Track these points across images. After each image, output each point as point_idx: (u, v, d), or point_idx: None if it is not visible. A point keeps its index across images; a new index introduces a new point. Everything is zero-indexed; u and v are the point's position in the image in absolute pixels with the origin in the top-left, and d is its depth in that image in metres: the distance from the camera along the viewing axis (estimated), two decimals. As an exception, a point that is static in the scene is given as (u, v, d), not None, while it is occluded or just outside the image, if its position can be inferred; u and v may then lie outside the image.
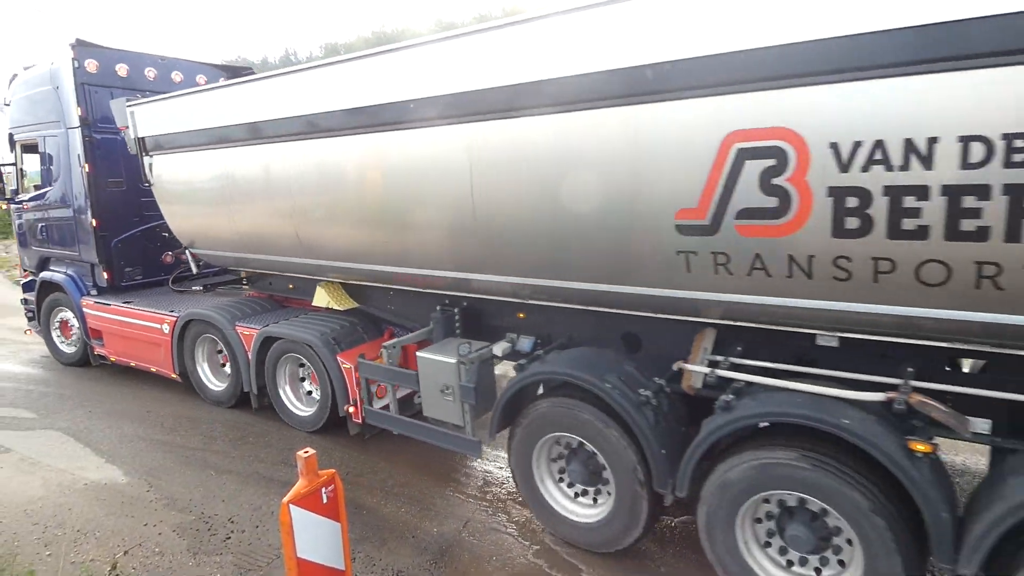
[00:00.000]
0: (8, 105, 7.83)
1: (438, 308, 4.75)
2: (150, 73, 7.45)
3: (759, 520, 3.20)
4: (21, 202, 7.99)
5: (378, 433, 5.32)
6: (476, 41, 3.56)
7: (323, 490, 2.83)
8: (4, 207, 8.60)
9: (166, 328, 6.51)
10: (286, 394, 5.80)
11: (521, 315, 4.43)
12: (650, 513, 3.54)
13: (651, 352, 3.83)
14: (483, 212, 3.79)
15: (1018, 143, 2.23)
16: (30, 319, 8.52)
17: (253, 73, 7.32)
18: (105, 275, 7.28)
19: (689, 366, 3.47)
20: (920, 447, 2.69)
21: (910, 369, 3.02)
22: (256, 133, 5.01)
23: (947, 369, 3.18)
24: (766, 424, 3.12)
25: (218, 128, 5.31)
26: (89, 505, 4.52)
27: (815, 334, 3.25)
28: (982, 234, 2.40)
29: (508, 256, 3.86)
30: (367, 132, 4.23)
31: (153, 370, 6.86)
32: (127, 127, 6.19)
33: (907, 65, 2.38)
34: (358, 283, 5.36)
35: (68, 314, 7.81)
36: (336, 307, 5.55)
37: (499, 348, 4.42)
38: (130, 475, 4.98)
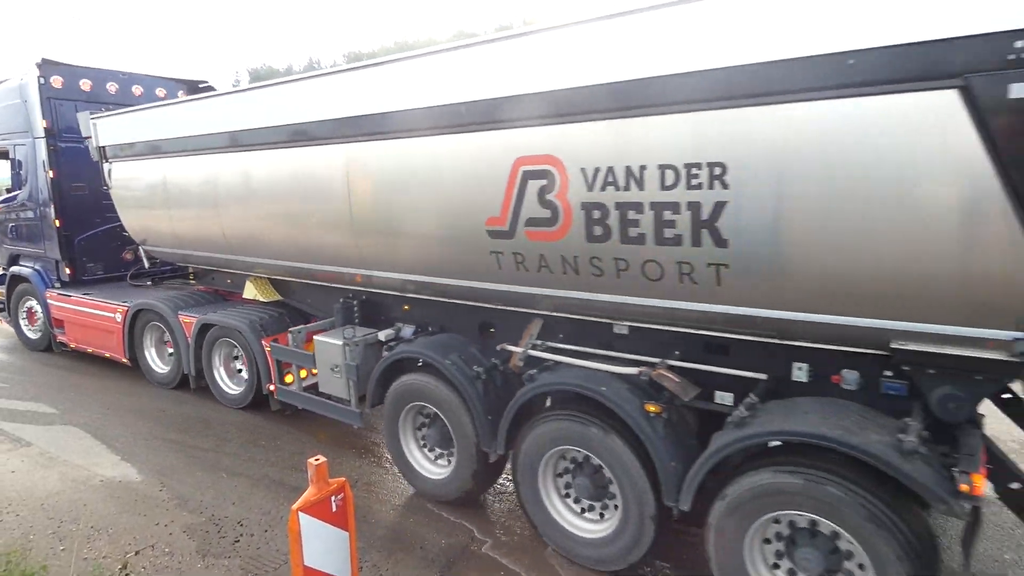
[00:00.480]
0: None
1: (340, 300, 5.36)
2: (111, 87, 8.18)
3: (559, 474, 4.01)
4: None
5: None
6: (349, 77, 4.46)
7: (333, 498, 2.86)
8: None
9: (119, 317, 7.28)
10: (220, 375, 6.62)
11: (406, 307, 5.15)
12: (483, 468, 4.33)
13: (499, 338, 4.54)
14: (358, 218, 4.63)
15: (695, 171, 3.02)
16: (0, 309, 9.39)
17: (211, 87, 8.66)
18: (68, 270, 8.05)
19: (511, 347, 4.30)
20: (652, 408, 3.43)
21: (676, 352, 3.71)
22: (187, 146, 5.96)
23: (707, 352, 3.66)
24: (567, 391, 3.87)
25: (161, 140, 6.26)
26: (103, 502, 4.60)
27: (611, 323, 3.94)
28: (677, 240, 3.17)
29: (381, 255, 4.72)
30: (272, 148, 5.12)
31: (107, 355, 7.62)
32: (90, 137, 7.04)
33: (622, 110, 3.21)
34: (280, 278, 6.22)
35: (34, 303, 8.66)
36: (262, 299, 6.37)
37: (383, 334, 5.09)
38: (144, 474, 5.06)
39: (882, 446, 2.73)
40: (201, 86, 8.84)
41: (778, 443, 3.11)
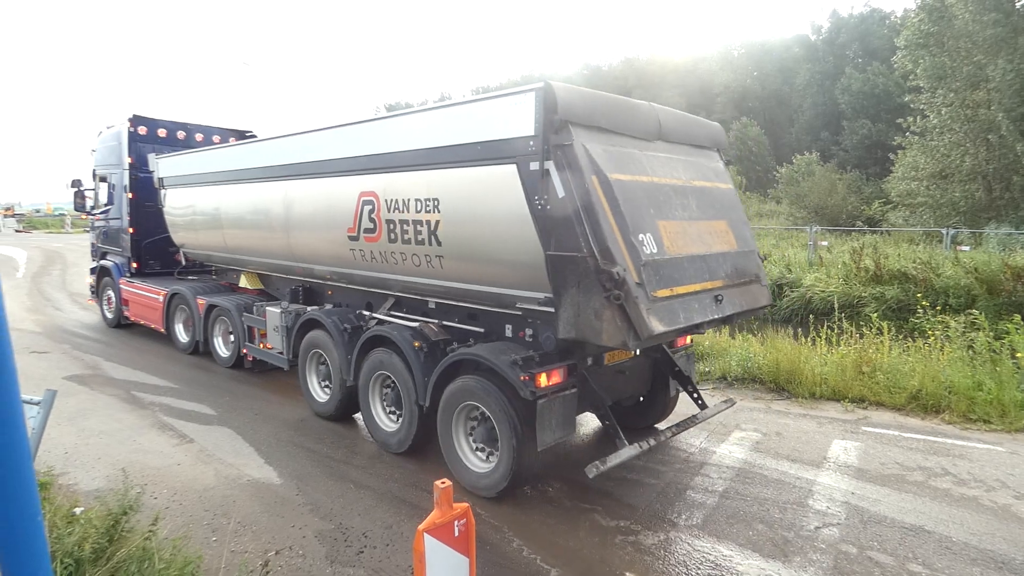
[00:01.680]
0: (94, 151, 11.62)
1: (290, 288, 8.12)
2: (180, 134, 11.13)
3: (380, 386, 6.32)
4: (94, 214, 11.93)
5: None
6: (292, 139, 7.08)
7: (456, 523, 2.95)
8: (85, 216, 13.44)
9: (161, 298, 10.12)
10: (218, 342, 9.32)
11: (330, 292, 7.61)
12: (346, 395, 6.66)
13: (373, 310, 6.83)
14: (292, 229, 7.20)
15: (426, 203, 5.22)
16: (93, 293, 12.46)
17: (255, 136, 11.29)
18: (134, 264, 11.01)
19: (367, 313, 6.77)
20: (416, 344, 5.64)
21: (456, 317, 5.90)
22: (204, 180, 8.89)
23: (467, 317, 5.82)
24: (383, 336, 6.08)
25: (190, 175, 9.22)
26: (249, 500, 5.05)
27: (425, 299, 6.11)
28: (421, 242, 5.38)
29: (301, 254, 7.31)
30: (250, 182, 7.87)
31: (152, 326, 10.50)
32: (154, 171, 10.03)
33: (399, 168, 5.56)
34: (259, 272, 8.90)
35: (111, 292, 11.70)
36: (250, 287, 9.03)
37: (311, 309, 7.29)
38: (283, 477, 5.49)
39: (501, 362, 4.83)
40: (247, 135, 11.56)
41: (470, 362, 5.21)
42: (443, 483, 2.99)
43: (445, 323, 5.90)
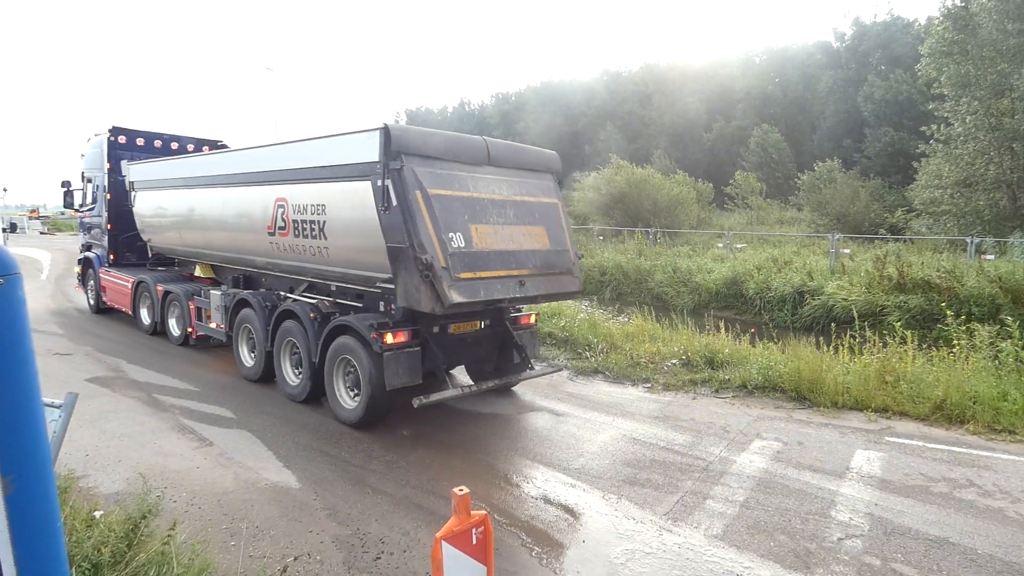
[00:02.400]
0: (83, 156, 13.14)
1: (232, 276, 9.72)
2: (157, 143, 12.52)
3: (292, 356, 8.01)
4: (82, 212, 13.59)
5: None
6: (230, 154, 9.29)
7: (474, 531, 2.93)
8: (73, 214, 15.54)
9: (129, 285, 11.84)
10: (171, 324, 10.94)
11: (264, 279, 9.18)
12: (264, 355, 8.32)
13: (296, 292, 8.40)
14: (230, 227, 8.98)
15: (317, 207, 7.04)
16: (79, 281, 14.33)
17: (225, 146, 12.83)
18: (111, 256, 12.62)
19: (283, 293, 8.43)
20: (312, 315, 7.36)
21: (350, 297, 7.51)
22: (162, 185, 10.75)
23: (356, 297, 7.50)
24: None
25: (151, 180, 11.05)
26: (267, 504, 5.07)
27: (327, 283, 7.70)
28: (316, 237, 7.11)
29: (234, 248, 9.14)
30: (199, 188, 9.55)
31: (123, 310, 12.22)
32: (126, 175, 11.71)
33: (303, 181, 7.31)
34: (211, 264, 10.52)
35: (92, 280, 13.44)
36: (204, 276, 10.67)
37: (245, 293, 8.87)
38: (301, 482, 5.51)
39: (362, 326, 6.53)
40: (218, 144, 13.05)
41: (344, 326, 6.86)
42: (461, 490, 2.98)
43: (338, 300, 7.65)
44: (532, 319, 8.14)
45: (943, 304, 10.71)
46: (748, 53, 65.26)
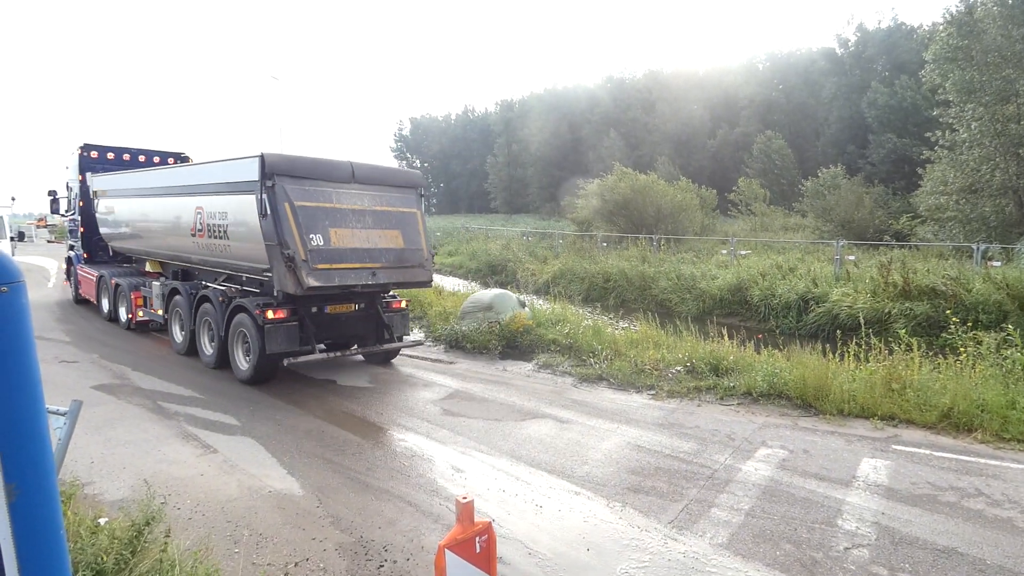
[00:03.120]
0: (67, 167, 14.96)
1: (172, 270, 11.63)
2: (126, 156, 14.35)
3: (209, 332, 9.98)
4: (66, 216, 16.11)
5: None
6: (165, 169, 12.23)
7: (477, 539, 2.92)
8: (60, 217, 18.53)
9: (94, 278, 14.02)
10: (121, 311, 12.86)
11: (197, 272, 10.87)
12: (192, 338, 10.17)
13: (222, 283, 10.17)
14: (164, 230, 10.99)
15: (222, 213, 9.15)
16: (66, 276, 16.75)
17: (188, 159, 14.66)
18: (85, 255, 14.81)
19: (204, 283, 10.29)
20: (221, 299, 9.32)
21: (255, 287, 9.41)
22: (116, 194, 12.70)
23: (257, 284, 9.49)
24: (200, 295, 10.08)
25: (108, 190, 13.00)
26: (271, 512, 5.06)
27: (240, 275, 9.59)
28: (221, 237, 9.17)
29: (166, 249, 11.37)
30: (142, 197, 11.52)
31: (92, 300, 14.35)
32: (90, 185, 13.66)
33: (215, 194, 9.30)
34: (156, 260, 12.22)
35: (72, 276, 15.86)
36: (153, 271, 12.32)
37: (177, 283, 10.75)
38: (305, 489, 5.50)
39: (251, 305, 8.50)
40: (182, 156, 14.85)
41: (240, 305, 8.85)
42: (464, 498, 2.97)
43: (245, 288, 9.53)
44: (403, 304, 10.09)
45: (949, 311, 10.66)
46: (752, 60, 65.44)
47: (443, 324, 12.29)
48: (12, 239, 20.17)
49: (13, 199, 27.45)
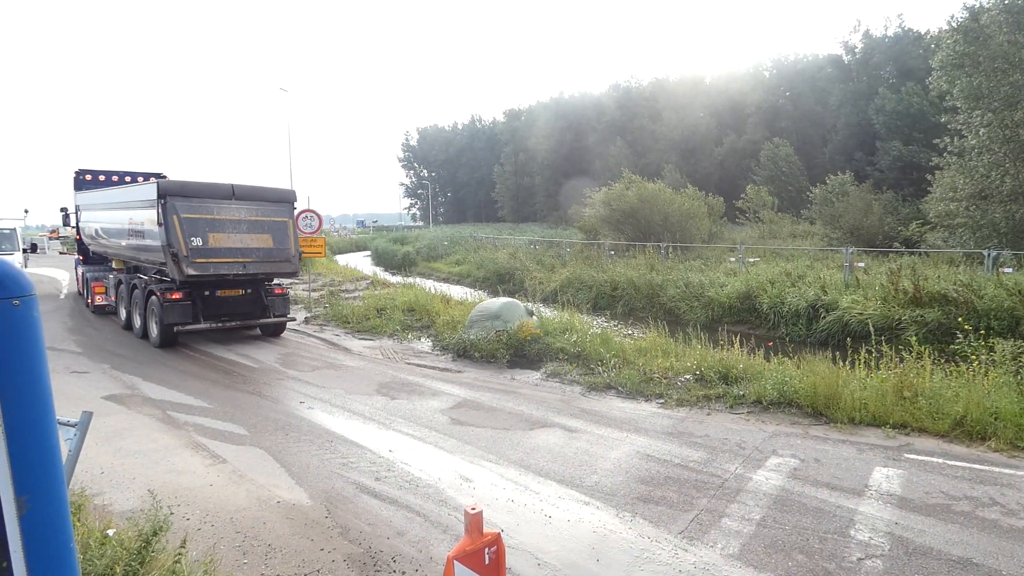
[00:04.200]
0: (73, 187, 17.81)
1: (127, 266, 14.70)
2: (115, 178, 17.09)
3: (139, 310, 13.47)
4: (71, 227, 19.24)
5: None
6: (111, 190, 15.54)
7: (486, 550, 2.90)
8: (71, 230, 20.62)
9: (79, 276, 18.00)
10: (92, 301, 15.90)
11: (142, 267, 13.63)
12: (129, 318, 13.92)
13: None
14: (113, 235, 14.69)
15: (137, 222, 12.75)
16: (75, 275, 19.53)
17: (164, 177, 15.63)
18: (81, 257, 17.88)
19: (140, 275, 13.77)
20: (145, 286, 12.83)
21: (166, 276, 12.68)
22: (88, 207, 16.41)
23: (160, 273, 13.20)
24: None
25: (85, 205, 16.68)
26: (280, 522, 5.06)
27: (158, 267, 12.70)
28: (142, 239, 12.66)
29: (119, 248, 14.72)
30: (101, 210, 15.42)
31: (81, 291, 18.02)
32: (76, 201, 17.14)
33: (136, 209, 12.71)
34: (119, 259, 14.98)
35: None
36: (117, 267, 15.23)
37: (122, 275, 14.42)
38: (313, 499, 5.50)
39: (158, 288, 12.01)
40: (161, 176, 16.39)
41: (152, 290, 12.27)
42: (473, 509, 2.95)
43: (163, 278, 12.37)
44: (282, 290, 13.27)
45: (961, 318, 10.55)
46: (758, 67, 65.45)
47: (451, 333, 12.29)
48: (25, 251, 20.44)
49: (26, 212, 27.78)
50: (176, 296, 11.64)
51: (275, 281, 13.21)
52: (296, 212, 14.07)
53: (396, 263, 41.01)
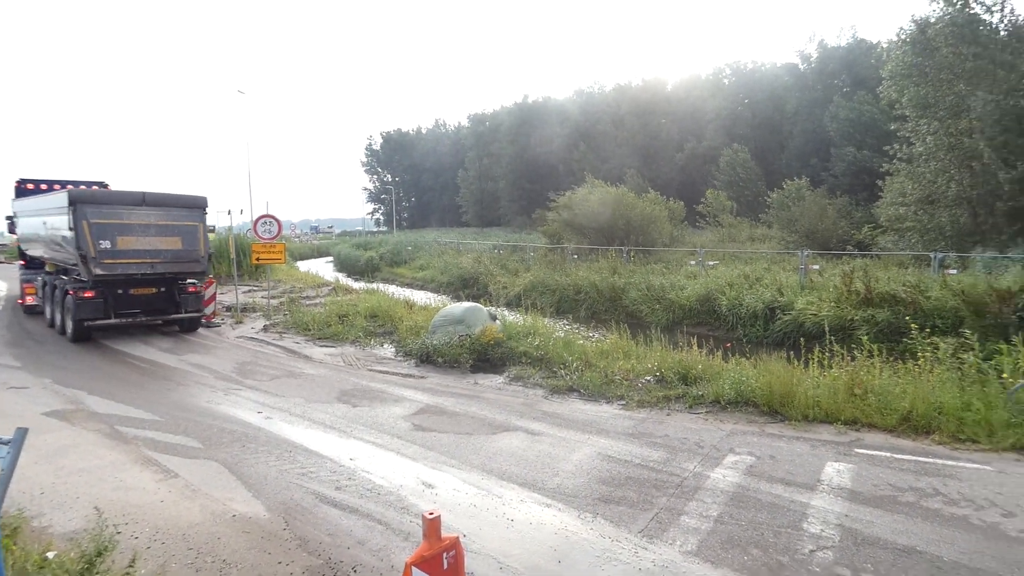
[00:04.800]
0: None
1: (57, 268, 14.87)
2: (56, 187, 16.26)
3: (59, 307, 14.26)
4: (15, 234, 19.51)
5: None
6: (35, 197, 16.46)
7: (444, 555, 2.90)
8: (14, 237, 22.01)
9: (21, 279, 17.71)
10: (26, 300, 16.94)
11: (69, 268, 13.46)
12: (53, 316, 14.86)
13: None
14: (39, 240, 15.39)
15: (55, 227, 13.52)
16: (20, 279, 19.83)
17: (107, 186, 17.34)
18: (22, 263, 17.79)
19: (63, 275, 14.87)
20: (63, 285, 13.86)
21: (81, 277, 13.36)
22: (23, 214, 16.97)
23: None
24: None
25: (20, 211, 17.23)
26: (235, 536, 4.93)
27: (72, 268, 13.65)
28: (59, 243, 13.65)
29: (46, 253, 15.39)
30: (30, 217, 16.06)
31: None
32: (15, 210, 17.74)
33: (57, 213, 13.33)
34: (53, 263, 15.24)
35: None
36: (50, 270, 15.51)
37: (47, 276, 15.57)
38: (271, 511, 5.38)
39: (73, 287, 13.12)
40: (103, 184, 17.44)
41: (67, 288, 13.51)
42: (431, 514, 2.94)
43: (78, 277, 12.94)
44: (195, 288, 14.20)
45: (909, 318, 10.95)
46: (718, 74, 66.77)
47: (413, 339, 12.21)
48: None
49: None
50: (88, 294, 12.60)
51: (187, 280, 14.22)
52: (255, 218, 15.17)
53: (359, 268, 40.60)
